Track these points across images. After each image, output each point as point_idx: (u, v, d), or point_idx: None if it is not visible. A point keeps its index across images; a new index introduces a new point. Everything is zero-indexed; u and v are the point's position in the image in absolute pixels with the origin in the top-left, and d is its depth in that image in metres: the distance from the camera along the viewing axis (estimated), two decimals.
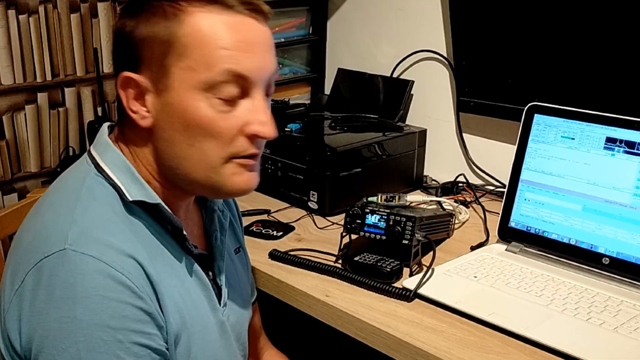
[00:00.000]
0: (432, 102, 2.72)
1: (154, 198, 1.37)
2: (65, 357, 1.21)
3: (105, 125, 1.46)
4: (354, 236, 1.99)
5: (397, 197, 2.03)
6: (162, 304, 1.33)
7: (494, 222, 2.11)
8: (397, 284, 1.81)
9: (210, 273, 1.52)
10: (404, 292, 1.76)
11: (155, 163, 1.39)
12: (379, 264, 1.85)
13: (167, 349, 1.34)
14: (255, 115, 1.37)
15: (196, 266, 1.46)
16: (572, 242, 1.90)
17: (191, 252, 1.44)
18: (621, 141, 1.85)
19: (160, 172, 1.40)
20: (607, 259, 1.84)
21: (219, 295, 1.52)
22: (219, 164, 1.37)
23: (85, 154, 1.42)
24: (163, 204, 1.38)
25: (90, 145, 1.46)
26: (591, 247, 1.87)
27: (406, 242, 1.88)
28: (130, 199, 1.34)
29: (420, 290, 1.76)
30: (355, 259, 1.89)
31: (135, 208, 1.35)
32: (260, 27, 1.36)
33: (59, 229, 1.27)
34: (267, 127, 1.38)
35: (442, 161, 2.68)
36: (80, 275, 1.22)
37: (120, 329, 1.24)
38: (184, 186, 1.42)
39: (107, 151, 1.39)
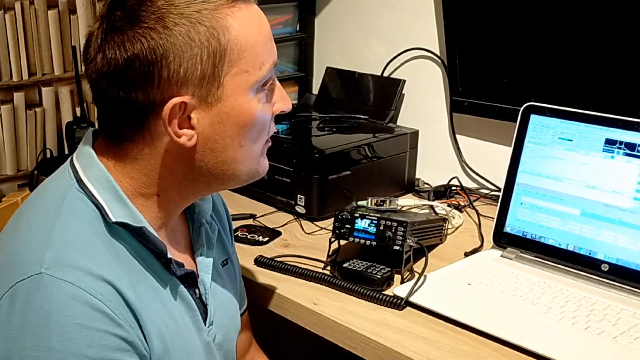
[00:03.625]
0: (425, 102, 2.71)
1: (138, 220, 1.35)
2: None
3: (90, 132, 1.43)
4: (343, 242, 1.98)
5: (387, 201, 2.03)
6: (144, 330, 1.31)
7: (488, 227, 2.10)
8: (387, 292, 1.81)
9: (197, 291, 1.51)
10: (395, 300, 1.75)
11: (173, 179, 1.39)
12: (369, 270, 1.85)
13: None
14: (277, 94, 1.45)
15: (181, 287, 1.44)
16: (570, 248, 1.90)
17: (175, 274, 1.42)
18: (621, 143, 1.85)
19: (170, 188, 1.39)
20: (606, 265, 1.84)
21: (204, 314, 1.50)
22: (260, 152, 1.44)
23: (67, 163, 1.40)
24: (147, 226, 1.36)
25: (68, 148, 1.44)
26: (590, 253, 1.87)
27: (397, 247, 1.87)
28: (113, 220, 1.32)
29: (412, 298, 1.75)
30: (345, 265, 1.88)
31: (118, 229, 1.33)
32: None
33: (36, 251, 1.25)
34: (287, 101, 1.46)
35: (434, 164, 2.67)
36: (57, 303, 1.21)
37: (98, 359, 1.23)
38: (203, 191, 1.47)
39: (90, 165, 1.36)
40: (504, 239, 2.02)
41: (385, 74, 2.80)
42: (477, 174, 2.59)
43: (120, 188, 1.35)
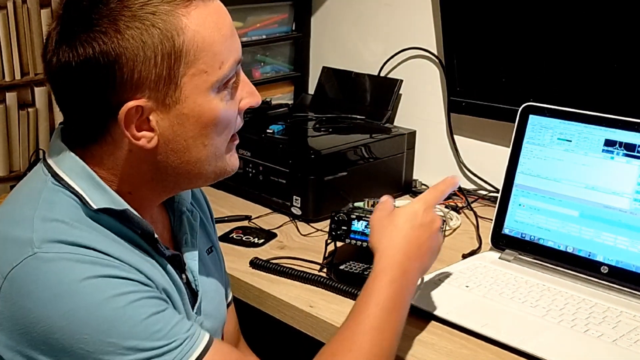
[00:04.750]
0: (422, 102, 2.71)
1: (120, 204, 1.34)
2: (90, 343, 1.21)
3: (59, 128, 1.42)
4: (339, 243, 1.98)
5: None
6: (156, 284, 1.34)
7: (486, 229, 2.10)
8: None
9: (184, 276, 1.50)
10: None
11: (141, 178, 1.38)
12: (365, 272, 1.84)
13: None
14: (244, 89, 1.41)
15: (170, 267, 1.44)
16: (569, 250, 1.90)
17: (164, 254, 1.42)
18: (621, 143, 1.84)
19: (140, 186, 1.39)
20: (605, 267, 1.84)
21: (193, 302, 1.50)
22: (225, 149, 1.41)
23: (40, 164, 1.39)
24: (131, 209, 1.35)
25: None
26: (589, 255, 1.86)
27: None
28: (95, 207, 1.31)
29: None
30: (341, 267, 1.88)
31: (101, 216, 1.32)
32: (221, 4, 1.38)
33: (20, 238, 1.24)
34: (255, 95, 1.43)
35: (432, 164, 2.67)
36: (62, 270, 1.21)
37: (127, 293, 1.24)
38: (174, 189, 1.47)
39: (64, 158, 1.35)
40: (502, 241, 2.02)
41: (382, 74, 2.79)
42: (475, 175, 2.58)
43: (98, 177, 1.34)
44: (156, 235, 1.40)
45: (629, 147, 1.83)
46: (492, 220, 2.05)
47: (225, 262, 1.75)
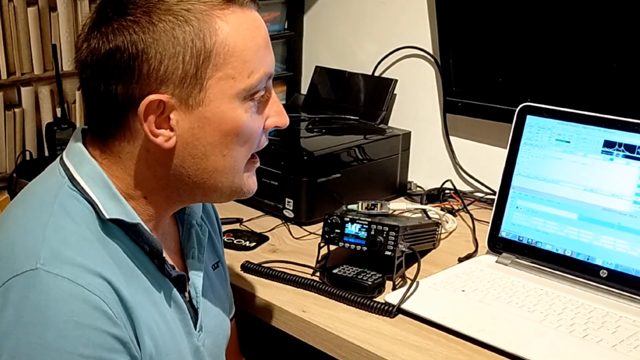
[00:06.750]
0: (417, 103, 2.71)
1: (133, 217, 1.34)
2: None
3: (79, 129, 1.42)
4: (332, 247, 1.98)
5: (379, 205, 2.02)
6: (137, 331, 1.30)
7: (483, 232, 2.10)
8: (379, 299, 1.80)
9: (186, 294, 1.50)
10: (386, 307, 1.74)
11: (157, 182, 1.38)
12: (359, 276, 1.84)
13: None
14: (272, 107, 1.42)
15: (173, 290, 1.43)
16: (568, 254, 1.89)
17: (169, 275, 1.42)
18: (620, 145, 1.84)
19: (155, 191, 1.39)
20: (605, 271, 1.83)
21: (195, 319, 1.50)
22: (244, 166, 1.42)
23: (57, 162, 1.39)
24: (143, 223, 1.35)
25: (48, 150, 1.41)
26: (588, 259, 1.86)
27: (389, 253, 1.87)
28: (107, 217, 1.31)
29: (404, 305, 1.75)
30: (334, 271, 1.87)
31: (112, 226, 1.32)
32: (259, 15, 1.39)
33: (30, 247, 1.24)
34: (283, 116, 1.44)
35: (427, 166, 2.67)
36: (54, 299, 1.20)
37: (92, 358, 1.21)
38: (188, 200, 1.46)
39: (82, 162, 1.35)
40: (499, 244, 2.01)
41: (377, 74, 2.79)
42: (471, 177, 2.58)
43: (115, 187, 1.34)
44: (164, 255, 1.40)
45: (629, 148, 1.83)
46: (488, 223, 2.05)
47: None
